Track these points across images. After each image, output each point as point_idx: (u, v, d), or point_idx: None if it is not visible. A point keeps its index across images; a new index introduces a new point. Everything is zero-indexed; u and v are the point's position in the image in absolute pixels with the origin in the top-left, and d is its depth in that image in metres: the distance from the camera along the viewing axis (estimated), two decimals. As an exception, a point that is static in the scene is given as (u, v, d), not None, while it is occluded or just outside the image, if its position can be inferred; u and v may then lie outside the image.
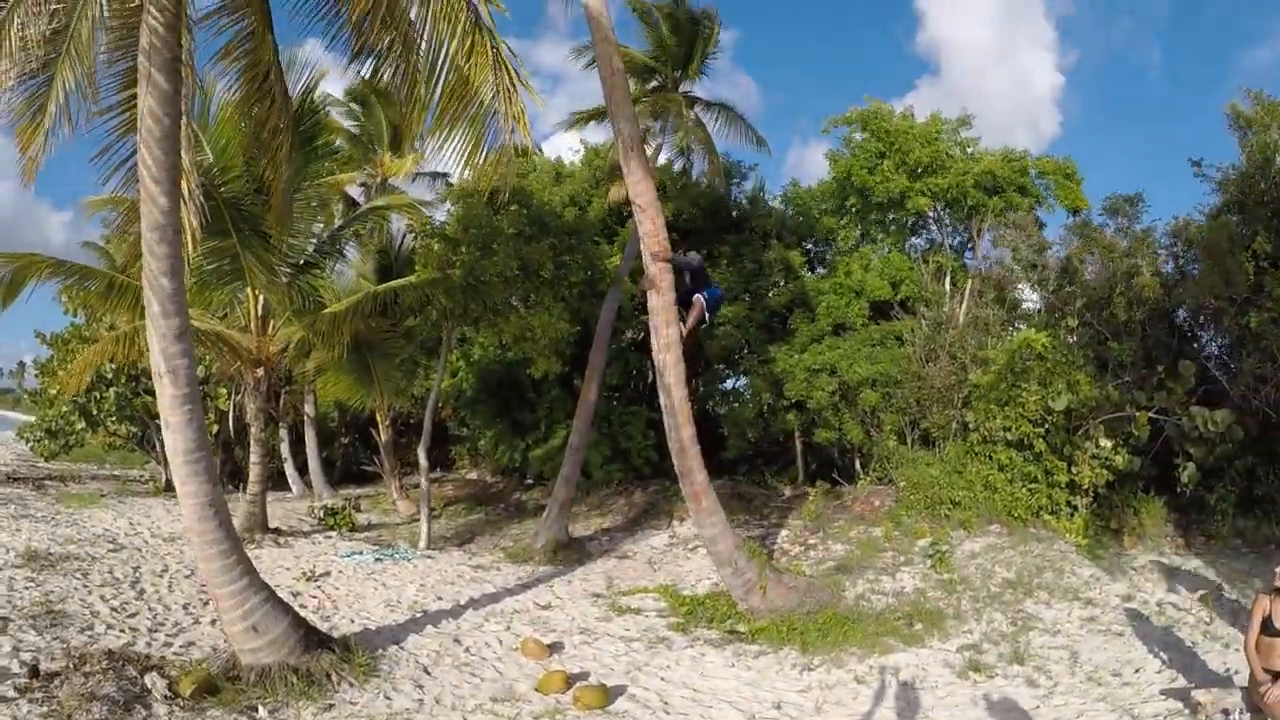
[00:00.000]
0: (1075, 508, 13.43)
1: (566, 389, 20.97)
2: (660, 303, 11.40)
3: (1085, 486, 13.21)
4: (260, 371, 16.50)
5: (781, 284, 20.09)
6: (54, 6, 8.02)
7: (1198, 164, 14.40)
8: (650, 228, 11.39)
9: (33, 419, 25.27)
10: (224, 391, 22.16)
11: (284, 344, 16.63)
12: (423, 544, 16.46)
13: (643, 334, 20.08)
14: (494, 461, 23.53)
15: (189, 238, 9.80)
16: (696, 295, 11.73)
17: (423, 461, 17.44)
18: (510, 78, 7.58)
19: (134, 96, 8.55)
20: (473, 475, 25.49)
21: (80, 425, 22.09)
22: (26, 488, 20.81)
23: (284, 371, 19.32)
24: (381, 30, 7.24)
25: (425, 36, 7.54)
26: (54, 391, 21.29)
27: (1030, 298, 17.27)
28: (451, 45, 7.44)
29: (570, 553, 15.98)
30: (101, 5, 8.46)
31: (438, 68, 7.56)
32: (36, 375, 23.93)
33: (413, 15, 7.46)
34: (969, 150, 19.60)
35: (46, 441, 22.99)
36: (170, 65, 7.82)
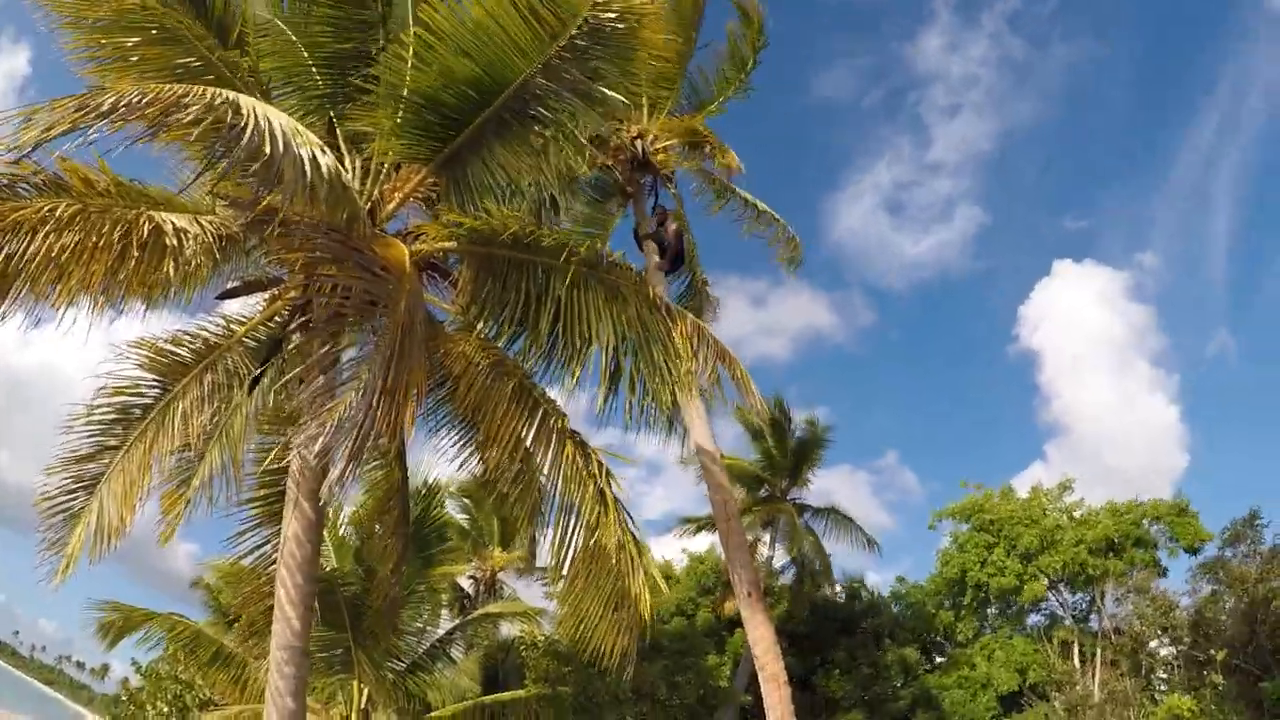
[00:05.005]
0: None
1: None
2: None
3: None
4: (357, 768, 15.90)
5: (900, 685, 19.12)
6: (217, 399, 8.72)
7: None
8: (771, 672, 11.66)
9: None
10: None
11: (385, 743, 16.17)
12: None
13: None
14: None
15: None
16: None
17: None
18: (634, 554, 7.75)
19: (271, 495, 9.12)
20: None
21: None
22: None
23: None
24: (513, 485, 7.75)
25: (555, 495, 8.00)
26: None
27: (1166, 651, 16.29)
28: (583, 510, 7.79)
29: None
30: (256, 406, 9.05)
31: (569, 532, 7.91)
32: (125, 699, 24.30)
33: (544, 473, 7.95)
34: (1076, 514, 19.30)
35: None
36: (316, 494, 8.10)
